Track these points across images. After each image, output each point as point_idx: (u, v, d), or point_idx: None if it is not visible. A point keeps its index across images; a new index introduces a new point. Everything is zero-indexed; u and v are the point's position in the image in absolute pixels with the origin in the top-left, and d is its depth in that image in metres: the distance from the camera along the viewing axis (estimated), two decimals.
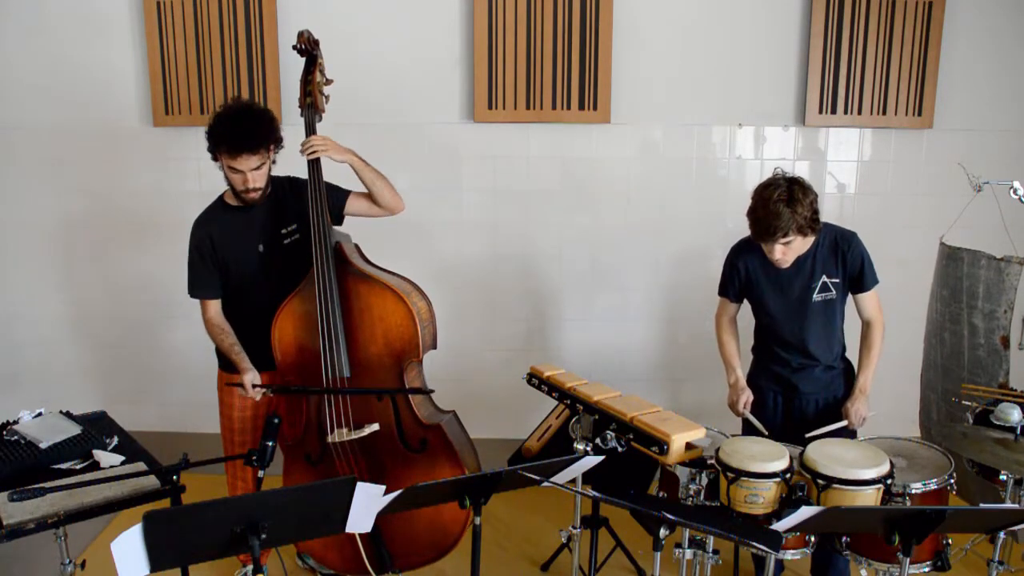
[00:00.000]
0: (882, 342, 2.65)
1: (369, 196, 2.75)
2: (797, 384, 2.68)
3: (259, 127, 2.54)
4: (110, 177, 3.91)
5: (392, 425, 2.67)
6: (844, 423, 2.60)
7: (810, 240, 2.54)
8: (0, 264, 4.04)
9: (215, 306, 2.73)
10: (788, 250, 2.48)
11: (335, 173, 2.73)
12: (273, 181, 2.71)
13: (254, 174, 2.56)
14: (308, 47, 2.70)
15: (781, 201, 2.39)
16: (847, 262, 2.58)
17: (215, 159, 2.59)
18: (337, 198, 2.76)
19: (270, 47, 3.72)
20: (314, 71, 2.74)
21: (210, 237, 2.67)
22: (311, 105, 2.72)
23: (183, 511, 1.82)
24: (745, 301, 2.79)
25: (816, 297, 2.60)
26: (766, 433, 2.61)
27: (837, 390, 2.69)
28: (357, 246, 2.83)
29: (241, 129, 2.51)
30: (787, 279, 2.61)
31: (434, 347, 2.77)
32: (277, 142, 2.64)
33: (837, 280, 2.60)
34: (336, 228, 2.79)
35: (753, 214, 2.47)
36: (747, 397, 2.70)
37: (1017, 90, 3.75)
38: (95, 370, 4.13)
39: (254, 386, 2.61)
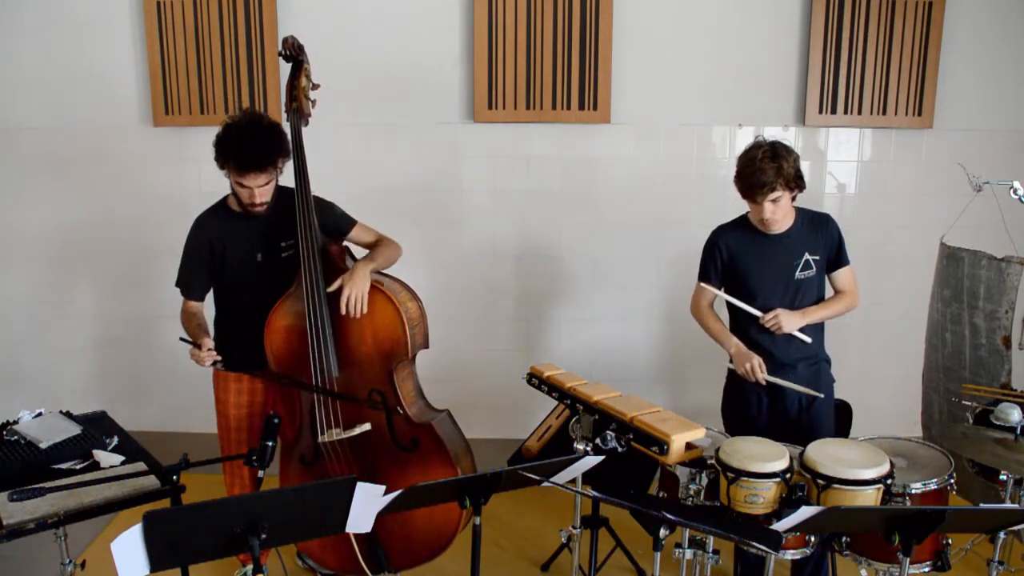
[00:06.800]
0: (844, 309, 2.68)
1: (369, 245, 2.81)
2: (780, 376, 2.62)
3: (267, 145, 2.51)
4: (110, 177, 3.91)
5: (383, 424, 2.68)
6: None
7: (793, 206, 2.61)
8: (0, 263, 4.04)
9: (196, 305, 2.73)
10: (777, 208, 2.53)
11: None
12: (280, 191, 2.68)
13: (261, 190, 2.55)
14: (293, 52, 2.70)
15: (767, 158, 2.47)
16: (827, 239, 2.65)
17: (221, 167, 2.57)
18: (341, 223, 2.78)
19: (270, 47, 3.71)
20: (299, 76, 2.73)
21: (209, 239, 2.67)
22: (297, 110, 2.72)
23: (183, 511, 1.82)
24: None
25: (799, 275, 2.62)
26: (799, 388, 2.59)
27: (821, 387, 2.66)
28: (346, 247, 2.83)
29: (250, 147, 2.48)
30: (770, 253, 2.63)
31: (425, 346, 2.77)
32: (285, 156, 2.59)
33: (818, 257, 2.64)
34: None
35: (740, 173, 2.53)
36: (757, 359, 2.62)
37: (1017, 90, 3.75)
38: (95, 370, 4.13)
39: (209, 350, 2.54)
